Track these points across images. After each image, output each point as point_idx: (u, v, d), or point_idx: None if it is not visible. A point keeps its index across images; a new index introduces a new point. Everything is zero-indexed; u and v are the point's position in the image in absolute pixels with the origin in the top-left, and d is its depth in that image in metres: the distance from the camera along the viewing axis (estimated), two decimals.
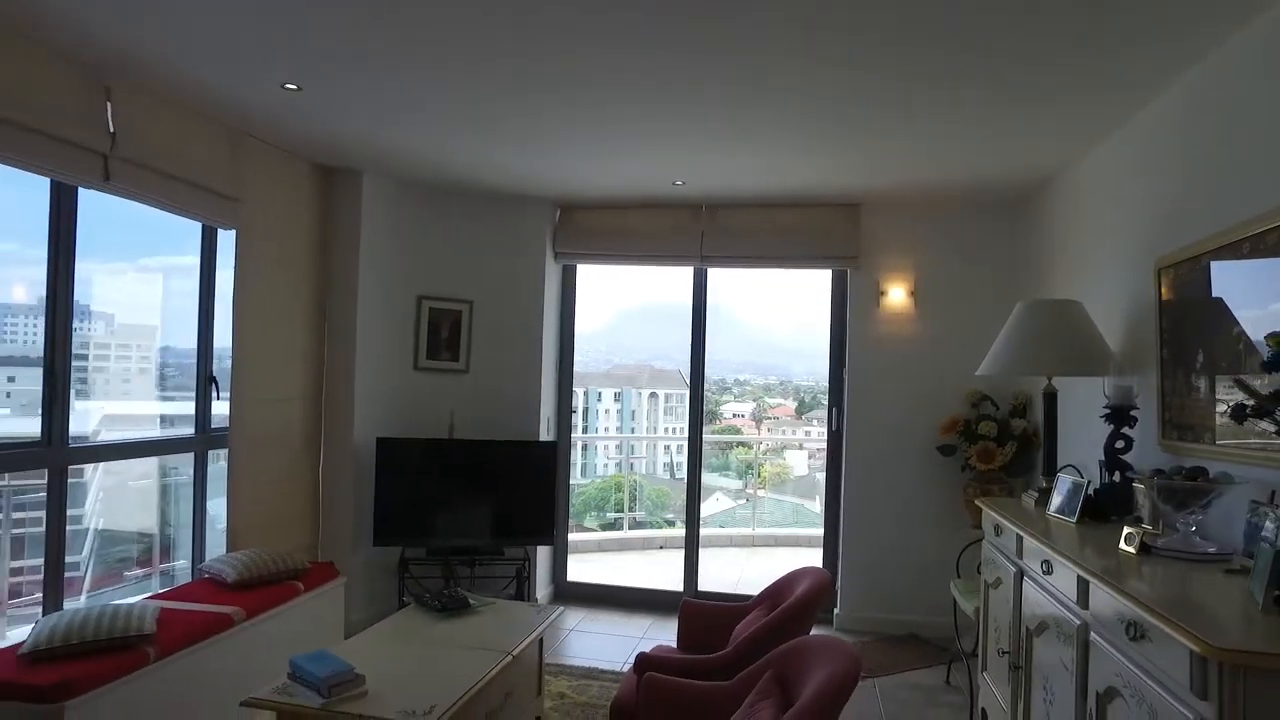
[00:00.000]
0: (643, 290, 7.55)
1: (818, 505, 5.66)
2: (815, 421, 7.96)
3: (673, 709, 2.49)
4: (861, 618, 4.95)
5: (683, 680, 2.57)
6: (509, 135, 3.95)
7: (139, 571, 4.34)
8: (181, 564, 4.24)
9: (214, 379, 4.08)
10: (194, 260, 4.10)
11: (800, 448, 8.69)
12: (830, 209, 5.04)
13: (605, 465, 8.60)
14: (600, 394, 8.60)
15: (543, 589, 5.35)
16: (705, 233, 5.17)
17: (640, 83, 3.18)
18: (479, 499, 4.84)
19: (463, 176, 4.78)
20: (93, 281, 3.65)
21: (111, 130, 3.26)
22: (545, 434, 5.27)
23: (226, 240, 4.09)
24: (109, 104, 3.26)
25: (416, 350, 5.05)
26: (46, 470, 3.25)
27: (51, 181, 3.23)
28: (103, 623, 2.75)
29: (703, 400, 5.57)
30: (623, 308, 8.59)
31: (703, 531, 5.60)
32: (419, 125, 3.86)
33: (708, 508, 7.21)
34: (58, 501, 3.27)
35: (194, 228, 4.03)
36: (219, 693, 2.96)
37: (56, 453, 3.27)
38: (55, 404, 3.24)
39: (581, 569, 5.89)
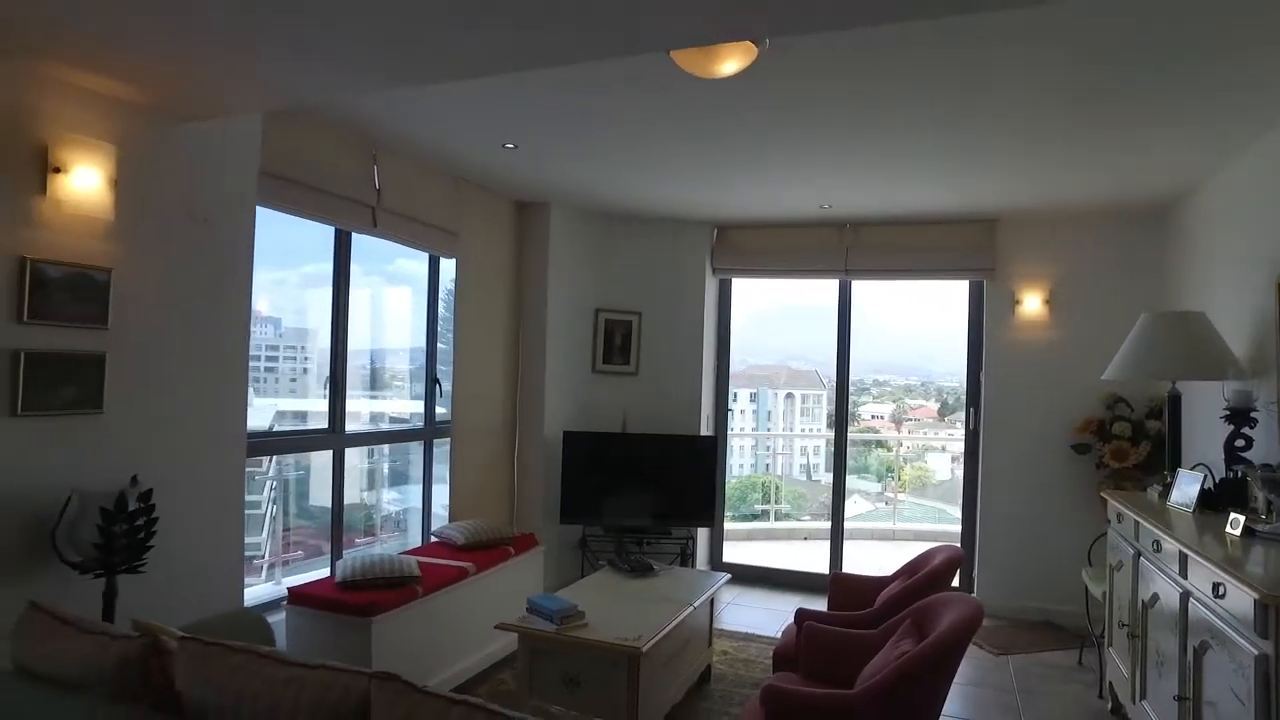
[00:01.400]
0: (778, 292, 7.79)
1: (960, 511, 5.91)
2: (959, 424, 8.03)
3: (828, 649, 3.07)
4: (998, 605, 5.31)
5: (836, 628, 3.16)
6: (675, 172, 4.65)
7: (368, 538, 5.31)
8: (385, 535, 5.15)
9: (438, 380, 5.00)
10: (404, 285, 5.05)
11: (943, 450, 8.69)
12: (968, 224, 5.45)
13: (740, 466, 8.77)
14: (735, 394, 8.95)
15: (701, 566, 6.02)
16: (849, 249, 5.69)
17: (790, 125, 3.78)
18: (648, 485, 5.56)
19: (634, 205, 5.54)
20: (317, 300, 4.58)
21: (377, 187, 4.19)
22: (705, 429, 5.95)
23: (419, 264, 5.01)
24: (375, 167, 4.19)
25: (594, 355, 5.87)
26: (331, 451, 4.22)
27: (335, 229, 4.18)
28: (385, 565, 3.65)
29: (847, 402, 6.07)
30: (758, 309, 8.77)
31: (847, 525, 6.10)
32: (599, 166, 4.62)
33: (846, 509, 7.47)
34: (339, 477, 4.23)
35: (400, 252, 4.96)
36: (464, 622, 3.86)
37: (338, 438, 4.24)
38: (337, 401, 4.20)
39: (733, 552, 6.52)
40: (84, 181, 2.66)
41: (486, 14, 2.17)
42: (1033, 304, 5.34)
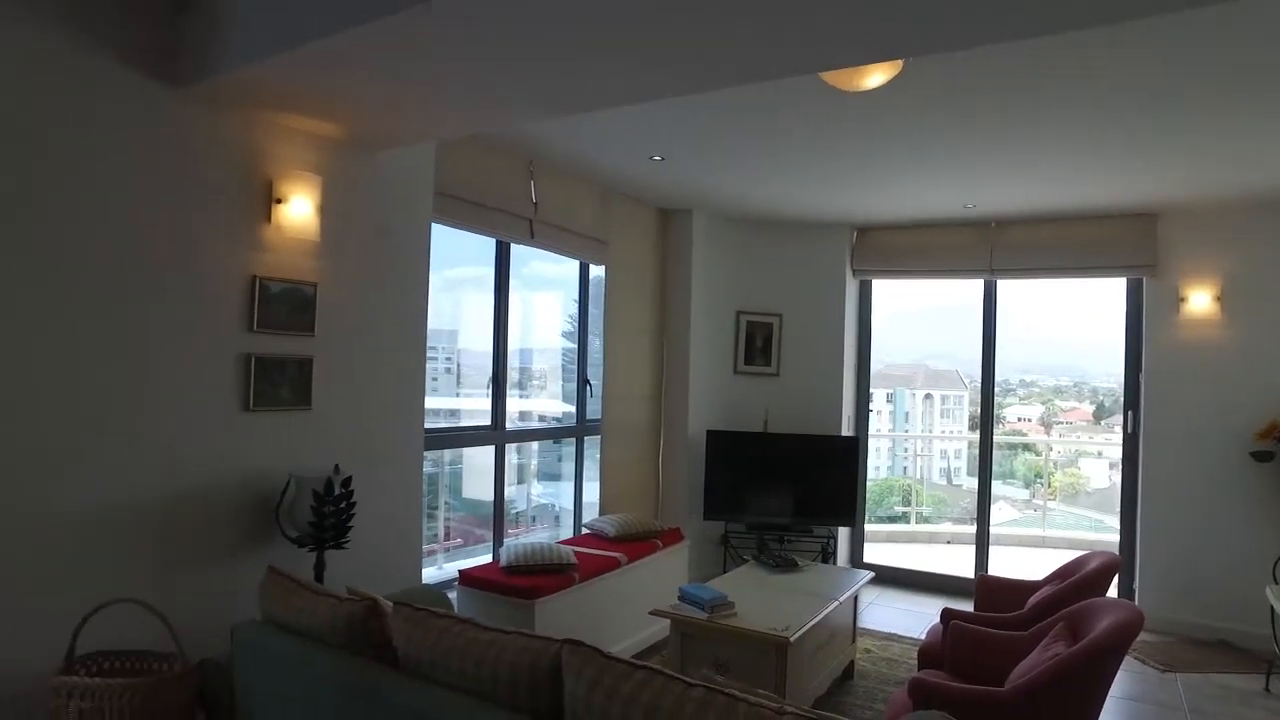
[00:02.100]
0: (916, 290, 7.56)
1: (1119, 520, 5.56)
2: (1117, 428, 7.54)
3: (975, 649, 3.09)
4: (1162, 619, 5.04)
5: (985, 628, 3.17)
6: (816, 178, 4.74)
7: (520, 529, 5.68)
8: (537, 527, 5.47)
9: (588, 381, 5.30)
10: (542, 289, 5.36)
11: (1099, 455, 8.26)
12: (1125, 220, 5.22)
13: (876, 469, 8.54)
14: (871, 394, 8.75)
15: (842, 565, 6.05)
16: (994, 248, 5.57)
17: (934, 126, 3.79)
18: (789, 484, 5.66)
19: (774, 210, 5.65)
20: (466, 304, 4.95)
21: (534, 200, 4.51)
22: (845, 430, 5.99)
23: (556, 267, 5.30)
24: (532, 181, 4.51)
25: (736, 357, 6.02)
26: (493, 447, 4.58)
27: (496, 241, 4.54)
28: (545, 553, 3.94)
29: (992, 404, 5.93)
30: (896, 309, 8.53)
31: (992, 529, 5.96)
32: (742, 174, 4.77)
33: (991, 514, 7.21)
34: (501, 471, 4.59)
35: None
36: (617, 608, 4.12)
37: (500, 434, 4.60)
38: (499, 399, 4.56)
39: (874, 553, 6.50)
40: (298, 209, 3.08)
41: (651, 53, 2.37)
42: (1200, 301, 5.05)
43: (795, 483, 5.66)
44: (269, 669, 2.32)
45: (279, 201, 3.04)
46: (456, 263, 4.71)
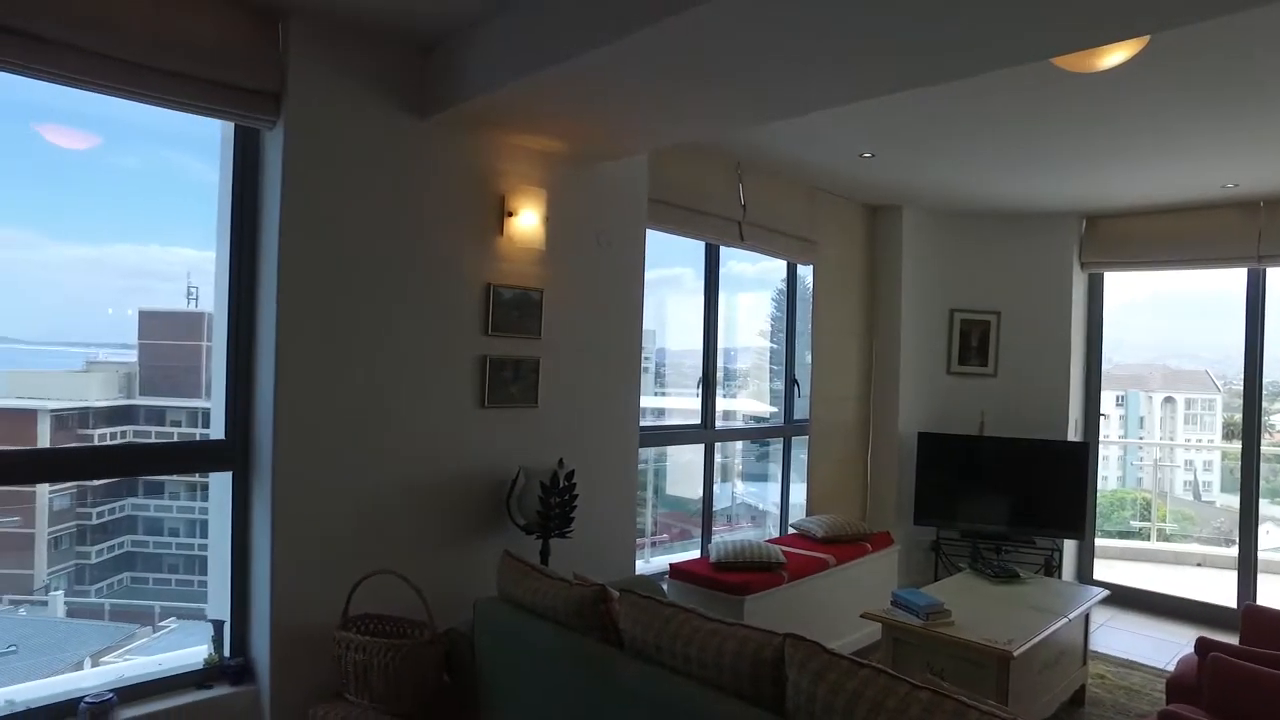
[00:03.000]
0: (1150, 279, 6.74)
1: None
2: None
3: (1242, 687, 2.74)
4: None
5: (1256, 665, 2.81)
6: (1042, 165, 4.43)
7: (725, 527, 5.75)
8: (741, 525, 5.50)
9: (796, 381, 5.29)
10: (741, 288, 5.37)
11: None
12: None
13: (1104, 479, 7.73)
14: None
15: (1068, 580, 5.61)
16: (1263, 231, 4.92)
17: (1187, 102, 3.42)
18: (1008, 491, 5.33)
19: (992, 201, 5.34)
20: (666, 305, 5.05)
21: (742, 202, 4.57)
22: (1073, 434, 5.54)
23: (752, 266, 5.28)
24: (740, 184, 4.58)
25: (949, 356, 5.75)
26: (702, 445, 4.71)
27: (706, 244, 4.65)
28: (754, 551, 4.00)
29: (1258, 410, 5.24)
30: (1126, 300, 7.76)
31: (1261, 554, 5.26)
32: (956, 166, 4.56)
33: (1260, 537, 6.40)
34: (710, 468, 4.70)
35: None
36: (825, 609, 4.10)
37: (710, 433, 4.71)
38: (708, 398, 4.67)
39: (1105, 571, 5.96)
40: (527, 221, 3.34)
41: (867, 52, 2.36)
42: None
43: (1015, 490, 5.32)
44: (506, 641, 2.56)
45: (510, 214, 3.32)
46: (654, 264, 4.82)
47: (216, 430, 2.99)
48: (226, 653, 2.91)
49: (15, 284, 2.50)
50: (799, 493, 5.32)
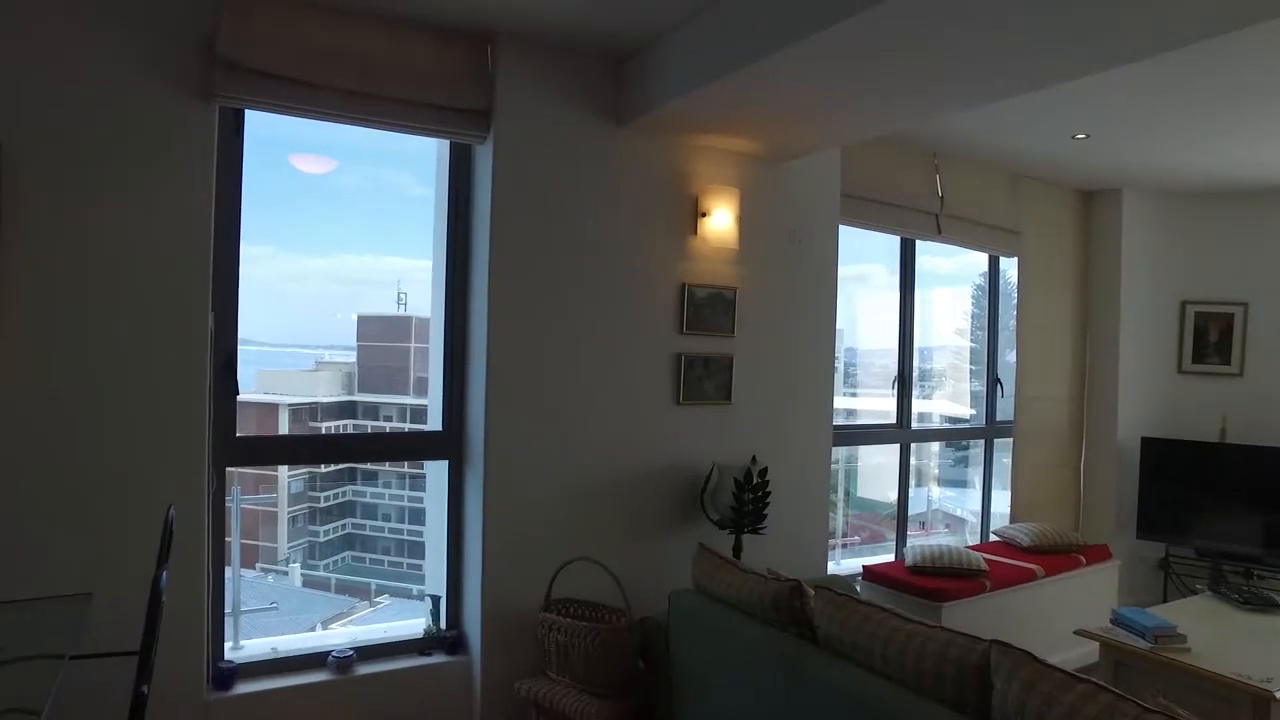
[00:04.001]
0: None
1: None
2: None
3: None
4: None
5: None
6: None
7: (919, 531, 5.50)
8: (937, 529, 5.24)
9: (999, 380, 4.99)
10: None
11: None
12: None
13: None
14: None
15: None
16: None
17: None
18: (1259, 507, 4.72)
19: (1233, 176, 4.74)
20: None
21: (940, 194, 4.38)
22: None
23: (945, 260, 4.96)
24: (937, 175, 4.39)
25: (1180, 354, 5.18)
26: (897, 445, 4.56)
27: (900, 239, 4.50)
28: (952, 557, 3.82)
29: None
30: None
31: None
32: (1189, 139, 4.07)
33: None
34: (905, 470, 4.55)
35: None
36: (1032, 623, 3.82)
37: (906, 433, 4.56)
38: (904, 398, 4.52)
39: None
40: (720, 221, 3.40)
41: (1095, 27, 2.20)
42: None
43: (1269, 507, 4.70)
44: (699, 631, 2.62)
45: (704, 215, 3.39)
46: (843, 262, 4.66)
47: (433, 423, 3.28)
48: (443, 625, 3.19)
49: (263, 294, 2.87)
50: (1001, 499, 5.00)
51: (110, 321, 2.50)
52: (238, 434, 2.85)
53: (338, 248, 3.79)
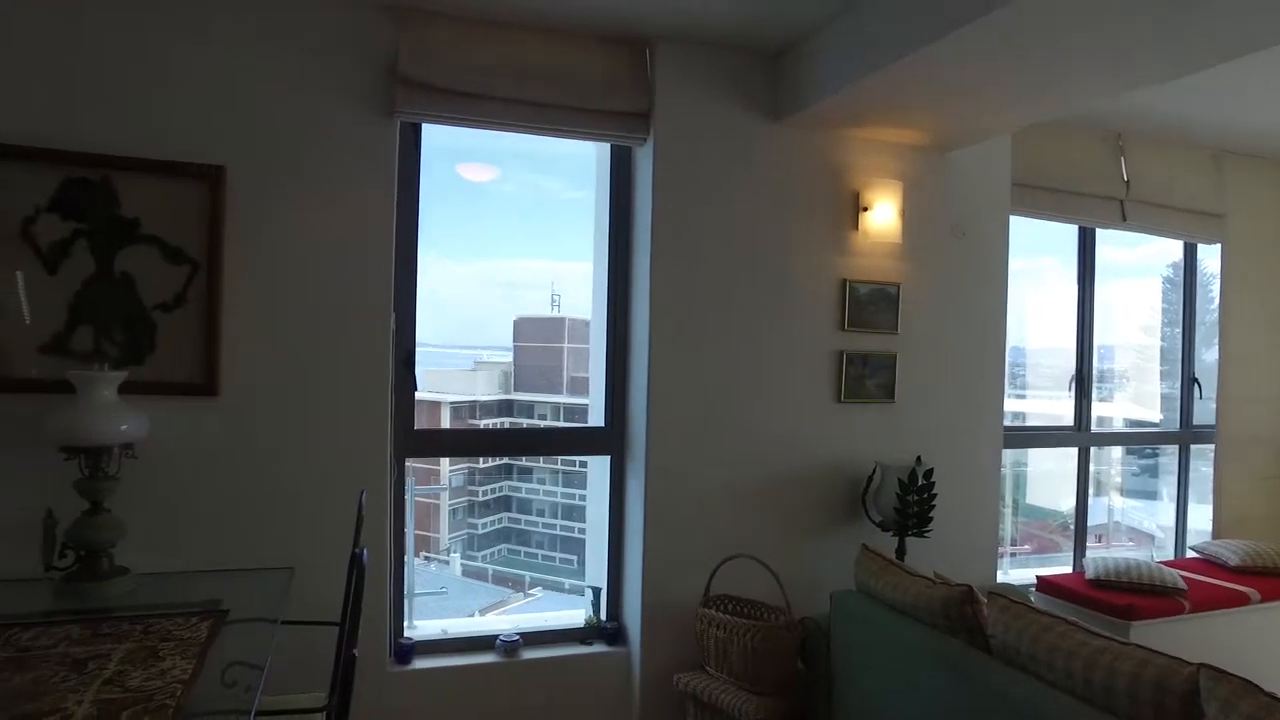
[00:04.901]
0: None
1: None
2: None
3: None
4: None
5: None
6: None
7: (1096, 543, 5.05)
8: (1117, 542, 4.78)
9: (1196, 380, 4.54)
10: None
11: None
12: None
13: None
14: None
15: None
16: None
17: None
18: None
19: None
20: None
21: (1125, 178, 4.04)
22: None
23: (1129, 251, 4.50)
24: (1121, 157, 4.05)
25: None
26: (1075, 449, 4.25)
27: (1079, 228, 4.19)
28: (1141, 572, 3.52)
29: None
30: None
31: None
32: None
33: None
34: (1084, 476, 4.24)
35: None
36: (1242, 653, 3.36)
37: (1084, 436, 4.25)
38: (1081, 399, 4.21)
39: None
40: (882, 215, 3.30)
41: None
42: None
43: None
44: (862, 633, 2.56)
45: (865, 209, 3.30)
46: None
47: (595, 420, 3.38)
48: (603, 616, 3.28)
49: (427, 297, 3.06)
50: (1200, 514, 4.54)
51: (310, 321, 2.75)
52: (415, 427, 3.05)
53: (495, 252, 3.96)
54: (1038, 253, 4.40)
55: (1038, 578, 3.78)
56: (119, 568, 2.35)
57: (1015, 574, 4.28)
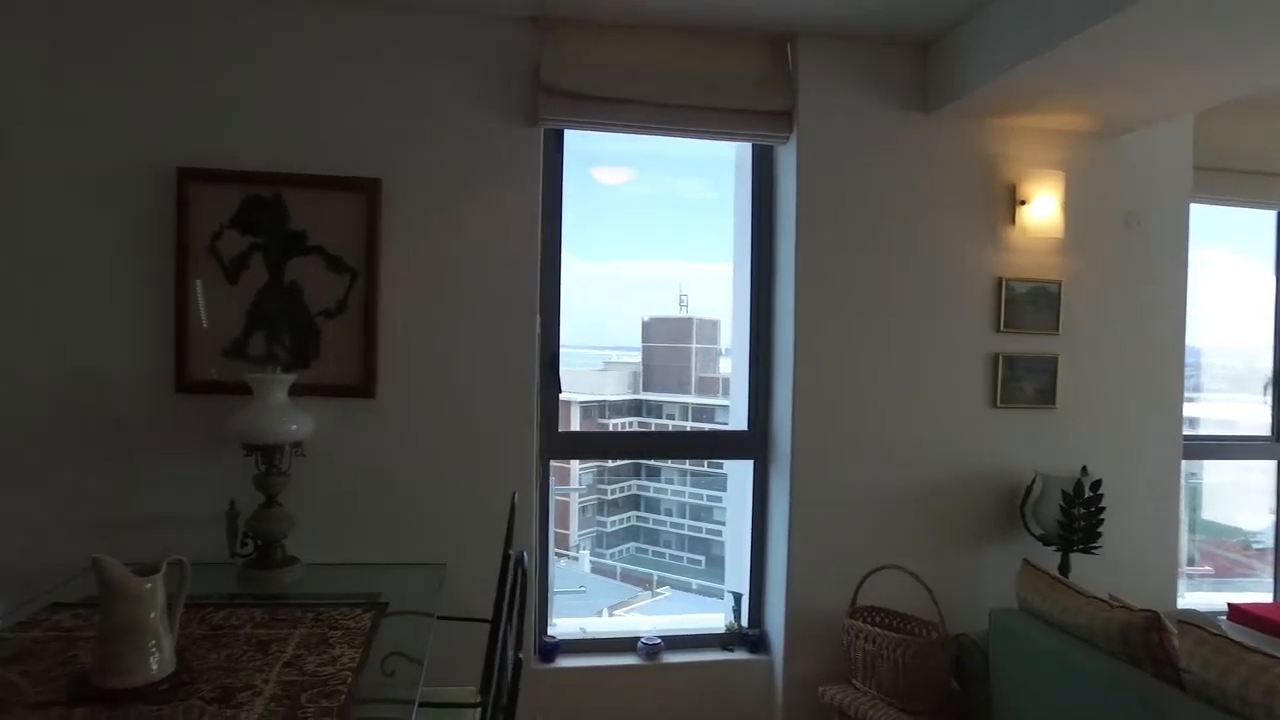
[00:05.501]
0: None
1: None
2: None
3: None
4: None
5: None
6: None
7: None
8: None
9: None
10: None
11: None
12: None
13: None
14: None
15: None
16: None
17: None
18: None
19: None
20: None
21: None
22: None
23: None
24: None
25: None
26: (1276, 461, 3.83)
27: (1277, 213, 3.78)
28: None
29: None
30: None
31: None
32: None
33: None
34: None
35: None
36: None
37: None
38: None
39: None
40: (1041, 208, 3.08)
41: None
42: None
43: None
44: (1026, 655, 2.39)
45: (1022, 202, 3.09)
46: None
47: (736, 423, 3.32)
48: (744, 622, 3.22)
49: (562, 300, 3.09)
50: None
51: (460, 325, 2.85)
52: (559, 429, 3.10)
53: (624, 252, 3.98)
54: (1202, 243, 4.01)
55: (1230, 605, 3.42)
56: (290, 557, 2.52)
57: (1195, 598, 3.91)
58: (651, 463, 5.65)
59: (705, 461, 5.12)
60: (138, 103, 2.66)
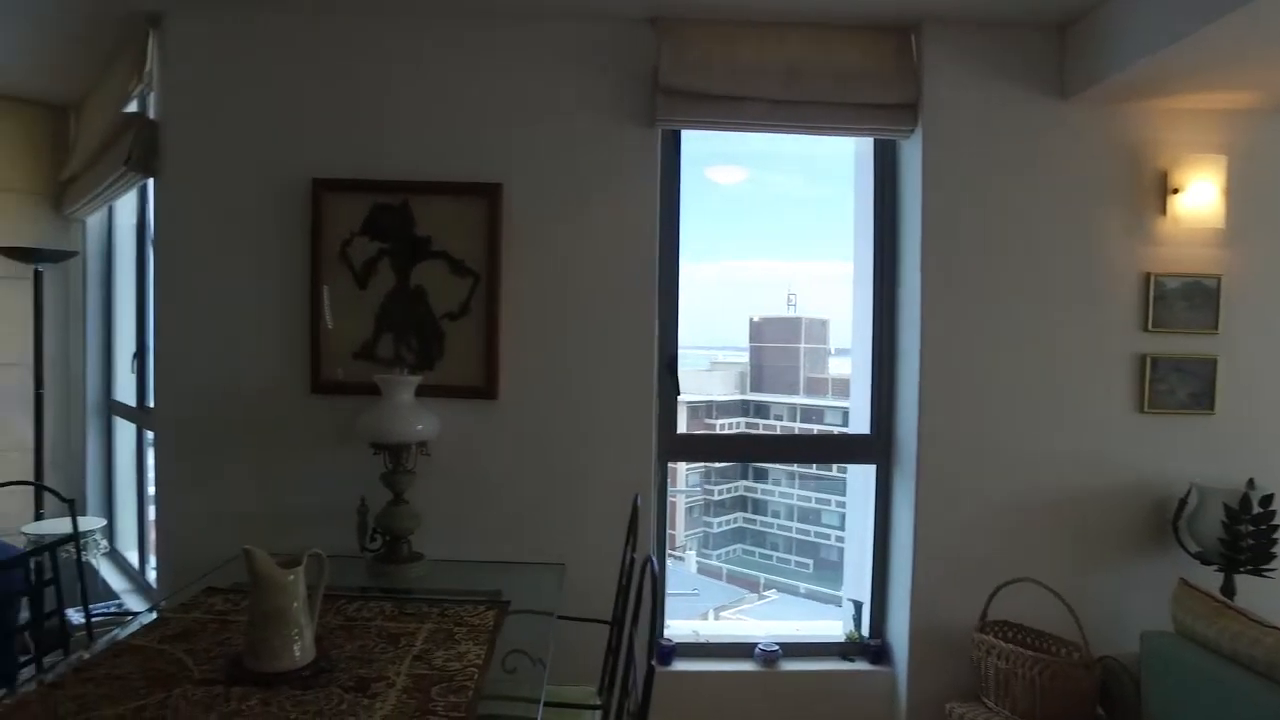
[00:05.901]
0: None
1: None
2: None
3: None
4: None
5: None
6: None
7: None
8: None
9: None
10: None
11: None
12: None
13: None
14: None
15: None
16: None
17: None
18: None
19: None
20: None
21: None
22: None
23: None
24: None
25: None
26: None
27: None
28: None
29: None
30: None
31: None
32: None
33: None
34: None
35: None
36: None
37: None
38: None
39: None
40: (1198, 196, 2.83)
41: None
42: None
43: None
44: (1185, 685, 2.20)
45: (1175, 191, 2.85)
46: None
47: (857, 426, 3.21)
48: (865, 632, 3.11)
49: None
50: None
51: (580, 327, 2.87)
52: (677, 431, 3.09)
53: (732, 252, 3.91)
54: None
55: None
56: (415, 553, 2.60)
57: None
58: (759, 464, 5.57)
59: (813, 465, 5.01)
60: (284, 120, 2.83)
